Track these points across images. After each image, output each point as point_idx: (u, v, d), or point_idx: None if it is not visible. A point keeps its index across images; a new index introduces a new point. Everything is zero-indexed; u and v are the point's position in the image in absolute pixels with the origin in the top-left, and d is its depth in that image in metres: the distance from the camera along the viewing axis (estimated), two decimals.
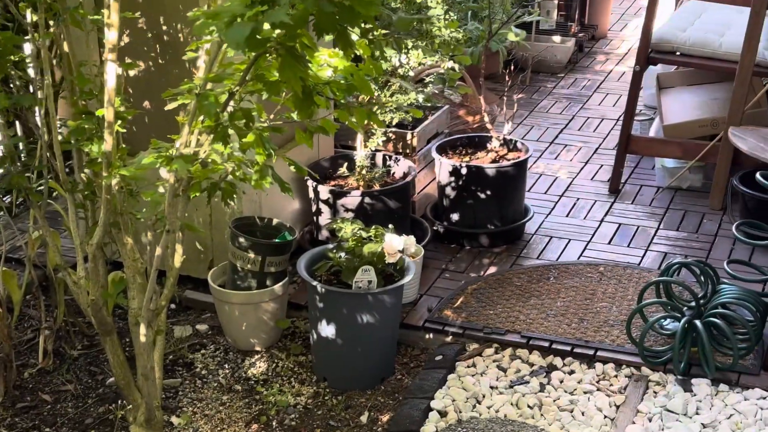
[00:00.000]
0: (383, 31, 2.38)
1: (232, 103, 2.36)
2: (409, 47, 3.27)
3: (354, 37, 2.30)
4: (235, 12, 2.01)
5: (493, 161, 3.93)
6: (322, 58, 2.45)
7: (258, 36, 2.02)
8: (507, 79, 4.33)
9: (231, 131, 2.44)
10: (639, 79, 4.39)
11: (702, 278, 3.32)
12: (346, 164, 3.80)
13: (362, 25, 2.17)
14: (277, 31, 2.10)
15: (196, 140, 2.46)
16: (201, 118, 2.39)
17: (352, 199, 3.57)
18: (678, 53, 4.31)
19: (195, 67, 2.69)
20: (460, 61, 3.76)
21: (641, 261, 3.83)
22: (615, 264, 3.79)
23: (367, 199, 3.57)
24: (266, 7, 1.97)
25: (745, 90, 4.06)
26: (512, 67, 4.78)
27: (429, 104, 3.98)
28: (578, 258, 3.87)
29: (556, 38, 6.23)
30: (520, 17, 5.31)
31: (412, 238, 3.13)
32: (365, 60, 2.49)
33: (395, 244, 3.04)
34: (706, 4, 4.63)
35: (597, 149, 5.00)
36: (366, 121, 2.46)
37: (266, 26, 2.02)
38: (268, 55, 2.23)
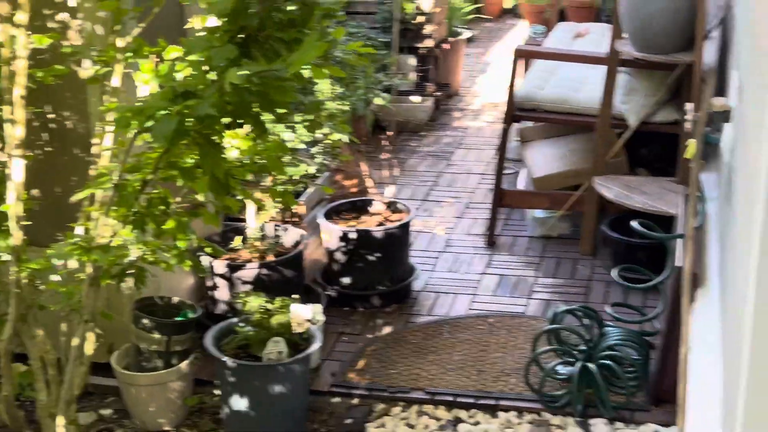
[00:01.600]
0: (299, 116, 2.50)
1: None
2: (298, 121, 3.39)
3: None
4: (160, 107, 2.08)
5: (379, 224, 4.07)
6: (227, 140, 2.53)
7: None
8: (387, 142, 4.50)
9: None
10: (506, 136, 4.63)
11: (587, 322, 3.54)
12: (238, 237, 3.85)
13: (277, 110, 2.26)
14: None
15: (110, 229, 2.49)
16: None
17: (249, 272, 3.63)
18: (540, 110, 4.59)
19: (95, 156, 2.73)
20: (342, 130, 3.90)
21: (526, 309, 4.03)
22: (502, 314, 3.97)
23: (263, 271, 3.64)
24: (191, 100, 2.05)
25: (605, 141, 4.35)
26: (389, 132, 4.94)
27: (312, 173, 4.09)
28: (467, 311, 4.04)
29: (416, 98, 6.46)
30: (382, 81, 5.52)
31: (318, 306, 3.22)
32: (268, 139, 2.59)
33: (303, 313, 3.12)
34: (558, 62, 4.95)
35: (468, 204, 5.22)
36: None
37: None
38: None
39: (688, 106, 3.09)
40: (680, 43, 3.89)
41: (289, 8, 2.15)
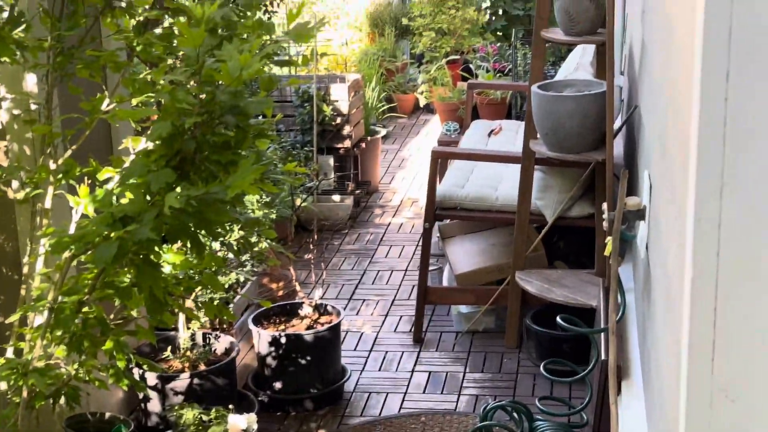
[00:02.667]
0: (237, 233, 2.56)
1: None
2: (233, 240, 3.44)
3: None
4: (99, 233, 2.12)
5: (309, 327, 4.11)
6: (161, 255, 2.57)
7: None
8: (310, 243, 4.56)
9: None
10: (429, 235, 4.74)
11: (517, 417, 3.61)
12: (168, 347, 3.85)
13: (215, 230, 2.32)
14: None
15: (44, 350, 2.49)
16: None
17: (181, 382, 3.63)
18: (460, 208, 4.72)
19: (26, 275, 2.73)
20: (269, 235, 3.96)
21: (456, 406, 4.10)
22: (434, 412, 4.02)
23: (195, 380, 3.64)
24: (131, 225, 2.10)
25: (524, 237, 4.50)
26: (314, 236, 5.01)
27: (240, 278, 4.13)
28: (399, 410, 4.08)
29: (336, 197, 6.57)
30: (304, 183, 5.62)
31: (253, 416, 3.23)
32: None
33: (239, 423, 3.13)
34: (475, 161, 5.12)
35: (393, 301, 5.29)
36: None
37: None
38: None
39: (604, 206, 3.24)
40: (591, 142, 4.07)
41: (224, 131, 2.23)
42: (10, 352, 2.65)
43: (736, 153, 1.19)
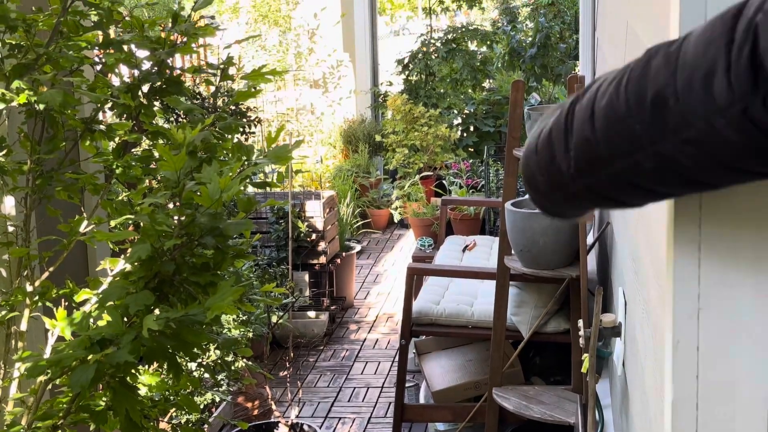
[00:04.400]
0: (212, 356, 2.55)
1: None
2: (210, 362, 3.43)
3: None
4: (77, 357, 2.11)
5: None
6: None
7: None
8: (285, 360, 4.53)
9: None
10: (406, 352, 4.73)
11: None
12: None
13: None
14: None
15: None
16: None
17: None
18: (436, 324, 4.72)
19: (1, 401, 2.70)
20: (245, 354, 3.93)
21: None
22: None
23: None
24: (108, 349, 2.09)
25: (501, 353, 4.49)
26: (290, 353, 4.98)
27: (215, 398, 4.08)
28: None
29: (312, 313, 6.55)
30: (280, 301, 5.61)
31: None
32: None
33: None
34: (450, 278, 5.14)
35: (370, 418, 5.24)
36: None
37: None
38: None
39: (580, 323, 3.26)
40: (565, 258, 4.12)
41: (203, 252, 2.24)
42: None
43: (713, 275, 1.22)
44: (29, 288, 2.63)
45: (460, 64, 9.62)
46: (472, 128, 9.55)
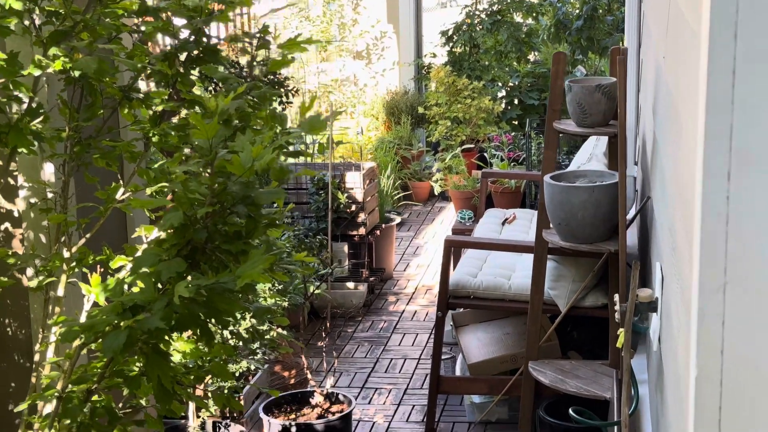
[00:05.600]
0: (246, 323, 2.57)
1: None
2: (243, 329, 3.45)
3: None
4: (109, 322, 2.13)
5: (320, 416, 4.08)
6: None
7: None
8: (323, 330, 4.55)
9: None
10: (442, 324, 4.72)
11: None
12: None
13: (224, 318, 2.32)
14: None
15: None
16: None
17: None
18: (473, 297, 4.71)
19: (37, 363, 2.74)
20: (281, 323, 3.95)
21: None
22: None
23: None
24: (140, 315, 2.10)
25: (537, 327, 4.47)
26: (327, 324, 5.01)
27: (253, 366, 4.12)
28: None
29: (350, 284, 6.57)
30: (318, 271, 5.64)
31: None
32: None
33: None
34: (488, 251, 5.12)
35: (406, 390, 5.25)
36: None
37: None
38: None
39: (616, 297, 3.23)
40: (604, 232, 4.08)
41: (235, 221, 2.25)
42: None
43: (739, 250, 1.20)
44: (66, 254, 2.66)
45: (504, 36, 9.53)
46: (516, 101, 9.47)
